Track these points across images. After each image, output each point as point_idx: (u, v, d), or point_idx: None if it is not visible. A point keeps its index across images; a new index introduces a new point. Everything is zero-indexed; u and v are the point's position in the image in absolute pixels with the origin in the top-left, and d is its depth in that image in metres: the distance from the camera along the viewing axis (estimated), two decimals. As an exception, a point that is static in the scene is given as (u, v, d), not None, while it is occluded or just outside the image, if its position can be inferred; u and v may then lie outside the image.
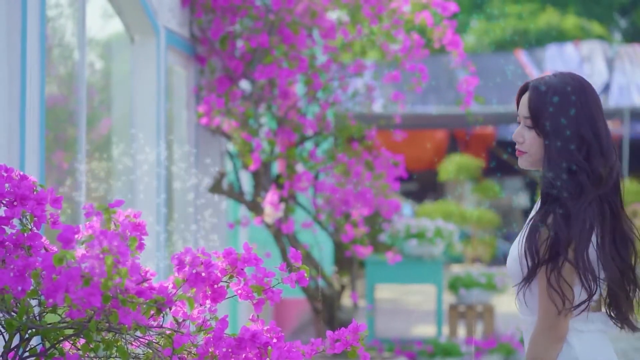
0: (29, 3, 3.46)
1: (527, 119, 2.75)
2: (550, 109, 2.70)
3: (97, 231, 2.27)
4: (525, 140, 2.75)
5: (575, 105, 2.69)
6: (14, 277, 2.30)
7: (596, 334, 2.69)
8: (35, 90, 3.54)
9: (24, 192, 2.55)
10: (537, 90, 2.73)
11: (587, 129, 2.69)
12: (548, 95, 2.71)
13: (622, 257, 2.70)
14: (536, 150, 2.75)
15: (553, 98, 2.70)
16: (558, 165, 2.68)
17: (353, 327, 2.73)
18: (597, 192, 2.66)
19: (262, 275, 2.74)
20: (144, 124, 5.02)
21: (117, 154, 5.07)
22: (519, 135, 2.76)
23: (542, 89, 2.72)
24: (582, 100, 2.70)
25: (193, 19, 5.76)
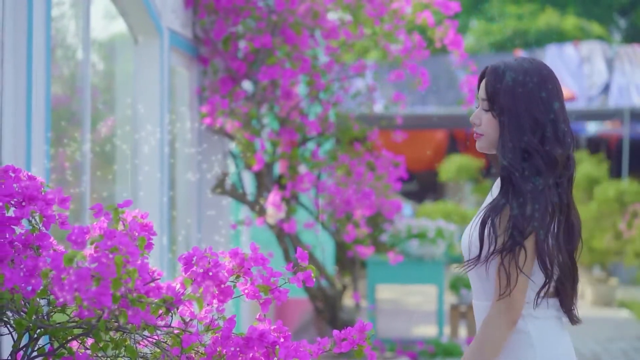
0: (35, 5, 3.47)
1: (484, 101, 2.75)
2: (506, 91, 2.70)
3: (107, 231, 2.28)
4: (481, 123, 2.75)
5: (531, 89, 2.69)
6: (24, 277, 2.31)
7: (552, 320, 2.70)
8: (40, 92, 3.55)
9: (32, 193, 2.55)
10: (495, 73, 2.73)
11: (542, 113, 2.68)
12: (504, 77, 2.71)
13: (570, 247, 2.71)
14: (492, 133, 2.74)
15: (509, 81, 2.70)
16: (510, 147, 2.67)
17: (359, 326, 2.74)
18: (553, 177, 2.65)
19: (269, 275, 2.76)
20: (147, 125, 5.03)
21: (120, 155, 5.08)
22: (476, 117, 2.77)
23: (499, 72, 2.72)
24: (539, 84, 2.70)
25: (196, 20, 5.77)
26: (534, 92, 2.69)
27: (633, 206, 11.27)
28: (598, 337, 10.03)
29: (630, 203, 12.09)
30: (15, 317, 2.40)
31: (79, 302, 2.18)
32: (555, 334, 2.69)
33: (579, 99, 19.23)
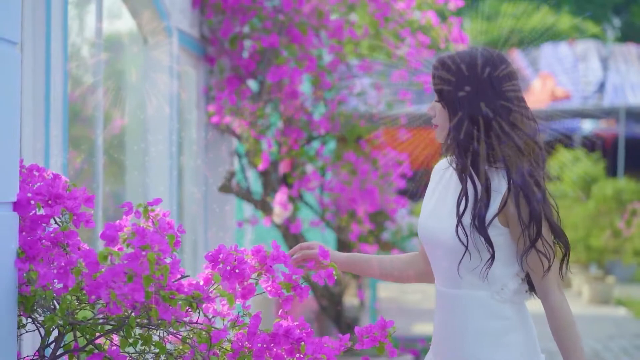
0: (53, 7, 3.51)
1: (435, 92, 2.73)
2: (452, 82, 2.67)
3: (138, 229, 2.32)
4: (436, 114, 2.73)
5: (481, 79, 2.65)
6: (57, 274, 2.35)
7: (524, 304, 2.74)
8: (58, 93, 3.59)
9: (59, 191, 2.58)
10: (444, 64, 2.70)
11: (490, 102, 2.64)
12: (453, 68, 2.68)
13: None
14: (444, 123, 2.72)
15: (455, 71, 2.67)
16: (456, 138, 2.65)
17: (381, 323, 2.78)
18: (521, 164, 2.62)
19: (291, 273, 2.81)
20: (157, 125, 5.07)
21: (130, 154, 5.11)
22: (431, 109, 2.75)
23: (449, 62, 2.69)
24: (488, 73, 2.65)
25: (203, 19, 5.81)
26: (483, 83, 2.65)
27: (632, 204, 11.34)
28: (597, 335, 10.09)
29: (628, 201, 12.16)
30: (46, 313, 2.43)
31: (114, 298, 2.22)
32: (529, 317, 2.73)
33: (574, 97, 19.30)
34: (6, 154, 2.33)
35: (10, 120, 2.34)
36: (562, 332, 2.65)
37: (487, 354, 2.68)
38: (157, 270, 2.27)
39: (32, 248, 2.42)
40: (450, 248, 2.68)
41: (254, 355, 2.53)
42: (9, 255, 2.34)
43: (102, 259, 2.25)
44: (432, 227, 2.75)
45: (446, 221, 2.70)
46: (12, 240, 2.36)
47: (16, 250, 2.38)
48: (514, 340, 2.68)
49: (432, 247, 2.77)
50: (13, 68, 2.36)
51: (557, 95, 19.29)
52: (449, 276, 2.73)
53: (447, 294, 2.75)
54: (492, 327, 2.69)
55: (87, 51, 4.44)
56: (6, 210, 2.35)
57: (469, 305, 2.71)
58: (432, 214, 2.76)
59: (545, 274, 2.62)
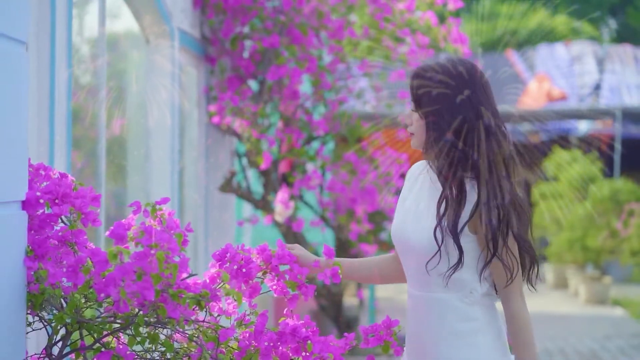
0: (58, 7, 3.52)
1: (412, 102, 2.79)
2: (430, 93, 2.73)
3: (148, 227, 2.34)
4: (412, 123, 2.79)
5: (457, 90, 2.72)
6: (66, 272, 2.36)
7: (494, 306, 2.81)
8: (63, 93, 3.60)
9: (65, 190, 2.59)
10: (421, 75, 2.76)
11: (468, 110, 2.71)
12: (431, 79, 2.74)
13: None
14: (420, 132, 2.78)
15: (433, 82, 2.73)
16: (435, 147, 2.72)
17: (386, 322, 2.81)
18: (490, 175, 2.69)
19: (296, 272, 2.82)
20: (158, 125, 5.08)
21: (132, 154, 5.12)
22: (407, 117, 2.81)
23: (426, 74, 2.75)
24: (464, 85, 2.72)
25: (204, 20, 5.82)
26: (460, 94, 2.72)
27: (629, 205, 11.36)
28: (594, 335, 10.12)
29: (625, 202, 12.18)
30: (54, 312, 2.44)
31: (124, 296, 2.24)
32: (498, 317, 2.81)
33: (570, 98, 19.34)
34: (15, 153, 2.34)
35: (19, 120, 2.36)
36: (519, 336, 2.74)
37: (459, 354, 2.76)
38: (166, 268, 2.28)
39: (41, 247, 2.44)
40: (423, 251, 2.74)
41: (261, 353, 2.54)
42: (18, 254, 2.35)
43: (111, 257, 2.26)
44: (405, 231, 2.81)
45: (420, 225, 2.77)
46: (22, 238, 2.37)
47: (25, 248, 2.39)
48: (483, 341, 2.76)
49: (405, 250, 2.83)
50: (21, 68, 2.37)
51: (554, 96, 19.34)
52: (421, 279, 2.79)
53: (419, 296, 2.81)
54: (462, 328, 2.76)
55: (90, 52, 4.45)
56: (15, 209, 2.36)
57: (440, 308, 2.77)
58: (406, 218, 2.83)
59: (509, 283, 2.70)
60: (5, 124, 2.28)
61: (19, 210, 2.39)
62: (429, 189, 2.80)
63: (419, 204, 2.82)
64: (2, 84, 2.26)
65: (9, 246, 2.31)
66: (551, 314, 11.47)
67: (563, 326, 10.66)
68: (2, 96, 2.26)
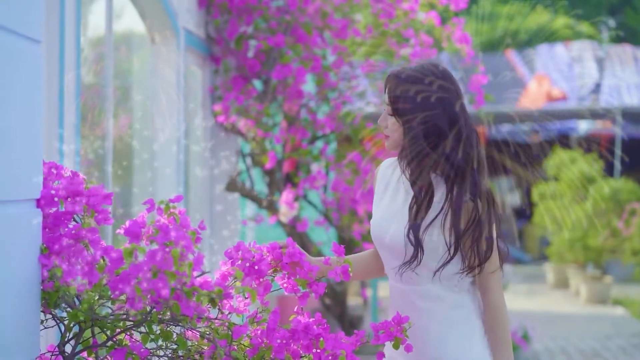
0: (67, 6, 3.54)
1: (388, 106, 2.88)
2: (406, 98, 2.83)
3: (163, 225, 2.35)
4: (387, 126, 2.90)
5: (429, 94, 2.83)
6: (82, 270, 2.37)
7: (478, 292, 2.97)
8: (71, 91, 3.62)
9: (78, 189, 2.61)
10: (397, 79, 2.86)
11: (442, 117, 2.82)
12: (406, 84, 2.83)
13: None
14: (396, 135, 2.88)
15: (408, 87, 2.83)
16: (411, 151, 2.83)
17: (397, 318, 2.82)
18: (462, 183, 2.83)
19: (307, 269, 2.84)
20: (164, 124, 5.09)
21: (137, 153, 5.14)
22: (383, 120, 2.92)
23: (402, 78, 2.85)
24: (441, 88, 2.84)
25: (209, 19, 5.83)
26: (435, 98, 2.83)
27: (630, 205, 11.38)
28: (595, 334, 10.14)
29: (625, 201, 12.20)
30: (68, 309, 2.46)
31: (139, 293, 2.25)
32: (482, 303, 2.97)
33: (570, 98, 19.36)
34: (30, 152, 2.36)
35: (34, 119, 2.37)
36: (496, 326, 2.92)
37: (453, 340, 2.90)
38: (181, 266, 2.29)
39: (55, 244, 2.45)
40: (399, 251, 2.88)
41: (274, 350, 2.55)
42: (33, 252, 2.37)
43: (127, 255, 2.28)
44: (385, 228, 2.93)
45: (399, 223, 2.89)
46: (37, 236, 2.39)
47: (40, 246, 2.40)
48: (474, 325, 2.92)
49: (385, 247, 2.94)
50: (36, 66, 2.38)
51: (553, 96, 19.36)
52: (408, 274, 2.90)
53: (409, 290, 2.94)
54: (453, 316, 2.91)
55: (97, 51, 4.46)
56: (31, 207, 2.38)
57: (431, 298, 2.91)
58: (385, 215, 2.95)
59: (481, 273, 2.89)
60: (21, 123, 2.30)
61: (34, 208, 2.40)
62: (405, 189, 2.92)
63: (395, 203, 2.95)
64: (18, 83, 2.27)
65: (24, 244, 2.33)
66: (552, 313, 11.49)
67: (564, 325, 10.67)
68: (18, 95, 2.28)
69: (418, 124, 2.83)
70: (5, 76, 2.21)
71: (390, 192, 2.99)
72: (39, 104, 2.41)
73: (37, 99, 2.39)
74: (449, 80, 2.89)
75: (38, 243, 2.40)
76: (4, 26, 2.18)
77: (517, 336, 8.42)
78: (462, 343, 2.90)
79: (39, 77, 2.40)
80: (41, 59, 2.41)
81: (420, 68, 2.88)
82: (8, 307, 2.27)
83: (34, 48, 2.36)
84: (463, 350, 2.90)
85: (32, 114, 2.36)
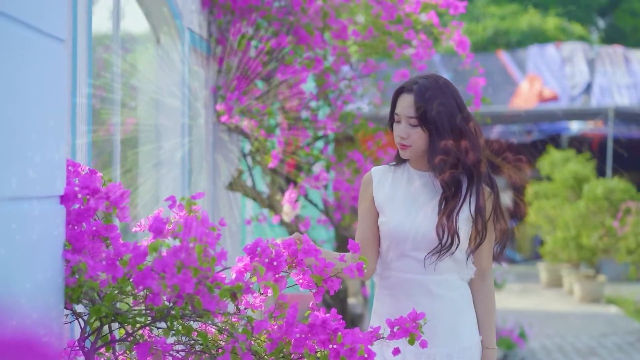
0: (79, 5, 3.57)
1: (412, 118, 3.17)
2: (433, 109, 3.15)
3: (187, 221, 2.38)
4: (409, 136, 3.19)
5: (451, 102, 3.17)
6: (106, 265, 2.40)
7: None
8: (83, 89, 3.64)
9: (96, 186, 2.64)
10: (420, 93, 3.16)
11: (462, 122, 3.18)
12: (430, 97, 3.16)
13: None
14: (421, 144, 3.21)
15: (433, 98, 3.15)
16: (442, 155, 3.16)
17: (412, 314, 2.86)
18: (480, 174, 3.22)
19: (322, 266, 2.88)
20: (168, 124, 5.12)
21: (142, 152, 5.17)
22: (404, 132, 3.19)
23: (424, 92, 3.16)
24: (454, 97, 3.20)
25: (212, 19, 5.86)
26: (453, 106, 3.18)
27: (625, 204, 11.45)
28: (591, 333, 10.20)
29: (618, 201, 12.28)
30: (89, 304, 2.49)
31: (165, 288, 2.29)
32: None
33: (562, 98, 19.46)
34: (55, 149, 2.38)
35: (59, 117, 2.40)
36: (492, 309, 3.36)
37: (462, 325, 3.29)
38: (205, 261, 2.33)
39: (79, 240, 2.48)
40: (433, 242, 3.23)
41: (294, 345, 2.59)
42: (57, 248, 2.39)
43: (152, 250, 2.31)
44: (413, 225, 3.25)
45: (430, 218, 3.24)
46: (61, 232, 2.42)
47: (64, 242, 2.44)
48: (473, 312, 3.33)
49: (414, 242, 3.25)
50: (61, 65, 2.42)
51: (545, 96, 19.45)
52: (428, 265, 3.25)
53: (428, 280, 3.26)
54: (463, 304, 3.30)
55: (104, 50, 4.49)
56: (55, 204, 2.41)
57: (447, 287, 3.27)
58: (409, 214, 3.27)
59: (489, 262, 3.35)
60: (46, 120, 2.33)
61: (58, 204, 2.43)
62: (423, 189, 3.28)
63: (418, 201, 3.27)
64: (43, 81, 2.30)
65: (49, 240, 2.36)
66: (547, 312, 11.56)
67: (559, 324, 10.74)
68: (43, 93, 2.31)
69: (446, 129, 3.16)
70: (30, 74, 2.23)
71: (403, 194, 3.30)
72: (63, 102, 2.44)
73: (61, 96, 2.42)
74: (454, 88, 3.24)
75: (62, 239, 2.43)
76: (31, 24, 2.21)
77: (514, 334, 8.48)
78: (470, 328, 3.30)
79: (63, 76, 2.43)
80: (65, 57, 2.44)
81: (433, 79, 3.22)
82: (33, 303, 2.30)
83: (59, 46, 2.39)
84: (470, 334, 3.29)
85: (56, 112, 2.39)
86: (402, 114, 3.21)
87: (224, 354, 2.53)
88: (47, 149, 2.34)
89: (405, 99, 3.21)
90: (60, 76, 2.42)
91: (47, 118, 2.33)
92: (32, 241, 2.29)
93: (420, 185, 3.28)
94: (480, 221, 3.23)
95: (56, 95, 2.39)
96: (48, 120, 2.34)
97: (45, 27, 2.29)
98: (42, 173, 2.32)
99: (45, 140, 2.33)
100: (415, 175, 3.31)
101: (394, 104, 3.27)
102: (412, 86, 3.20)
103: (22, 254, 2.19)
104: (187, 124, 5.18)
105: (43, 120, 2.31)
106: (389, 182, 3.33)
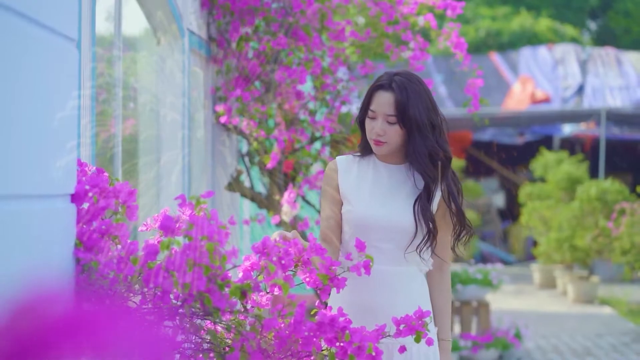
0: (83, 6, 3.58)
1: (391, 116, 3.24)
2: (411, 105, 3.22)
3: (198, 220, 2.40)
4: (386, 133, 3.27)
5: (426, 99, 3.26)
6: (117, 264, 2.42)
7: None
8: (87, 90, 3.65)
9: (104, 185, 2.66)
10: (400, 92, 3.22)
11: (435, 117, 3.29)
12: (409, 95, 3.22)
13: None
14: (397, 141, 3.30)
15: (413, 97, 3.23)
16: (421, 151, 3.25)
17: (418, 312, 2.88)
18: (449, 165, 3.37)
19: (328, 264, 2.90)
20: (168, 125, 5.13)
21: (143, 153, 5.18)
22: (380, 130, 3.26)
23: (403, 90, 3.22)
24: (427, 92, 3.28)
25: (211, 20, 5.87)
26: (428, 102, 3.27)
27: (619, 204, 11.51)
28: (586, 333, 10.24)
29: (612, 202, 12.32)
30: (100, 303, 2.50)
31: (176, 286, 2.30)
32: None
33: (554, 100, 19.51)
34: (66, 147, 2.40)
35: (69, 116, 2.42)
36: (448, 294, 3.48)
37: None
38: (215, 260, 2.35)
39: (90, 239, 2.49)
40: (405, 231, 3.32)
41: (302, 343, 2.61)
42: (68, 246, 2.41)
43: (164, 247, 2.33)
44: (385, 212, 3.33)
45: (405, 209, 3.33)
46: (71, 231, 2.43)
47: (75, 241, 2.45)
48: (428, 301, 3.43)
49: (382, 232, 3.33)
50: (72, 65, 2.43)
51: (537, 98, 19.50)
52: (396, 256, 3.36)
53: (390, 271, 3.34)
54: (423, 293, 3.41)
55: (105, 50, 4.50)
56: (66, 202, 2.42)
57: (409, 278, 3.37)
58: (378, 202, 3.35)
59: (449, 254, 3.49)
60: (57, 120, 2.34)
61: (69, 203, 2.45)
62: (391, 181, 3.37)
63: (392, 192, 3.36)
64: (54, 81, 2.32)
65: (60, 238, 2.37)
66: (541, 313, 11.59)
67: (554, 325, 10.78)
68: (55, 92, 2.32)
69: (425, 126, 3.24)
70: (42, 73, 2.25)
71: (370, 184, 3.37)
72: (74, 102, 2.45)
73: (72, 96, 2.43)
74: (423, 81, 3.33)
75: (73, 237, 2.44)
76: (43, 23, 2.22)
77: (510, 335, 8.51)
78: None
79: (74, 75, 2.45)
80: (76, 57, 2.46)
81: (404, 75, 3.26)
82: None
83: (70, 46, 2.40)
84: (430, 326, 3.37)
85: (67, 111, 2.40)
86: (379, 112, 3.26)
87: (234, 351, 2.55)
88: (59, 148, 2.35)
89: (384, 96, 3.25)
90: (72, 75, 2.43)
91: (58, 117, 2.35)
92: (43, 239, 2.30)
93: (387, 177, 3.37)
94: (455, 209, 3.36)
95: (67, 94, 2.40)
96: (60, 118, 2.35)
97: (58, 27, 2.30)
98: (54, 171, 2.34)
99: (57, 139, 2.34)
100: (381, 167, 3.38)
101: (369, 101, 3.30)
102: (389, 84, 3.24)
103: (34, 252, 2.20)
104: (187, 124, 5.19)
105: (54, 120, 2.32)
106: (355, 172, 3.39)
